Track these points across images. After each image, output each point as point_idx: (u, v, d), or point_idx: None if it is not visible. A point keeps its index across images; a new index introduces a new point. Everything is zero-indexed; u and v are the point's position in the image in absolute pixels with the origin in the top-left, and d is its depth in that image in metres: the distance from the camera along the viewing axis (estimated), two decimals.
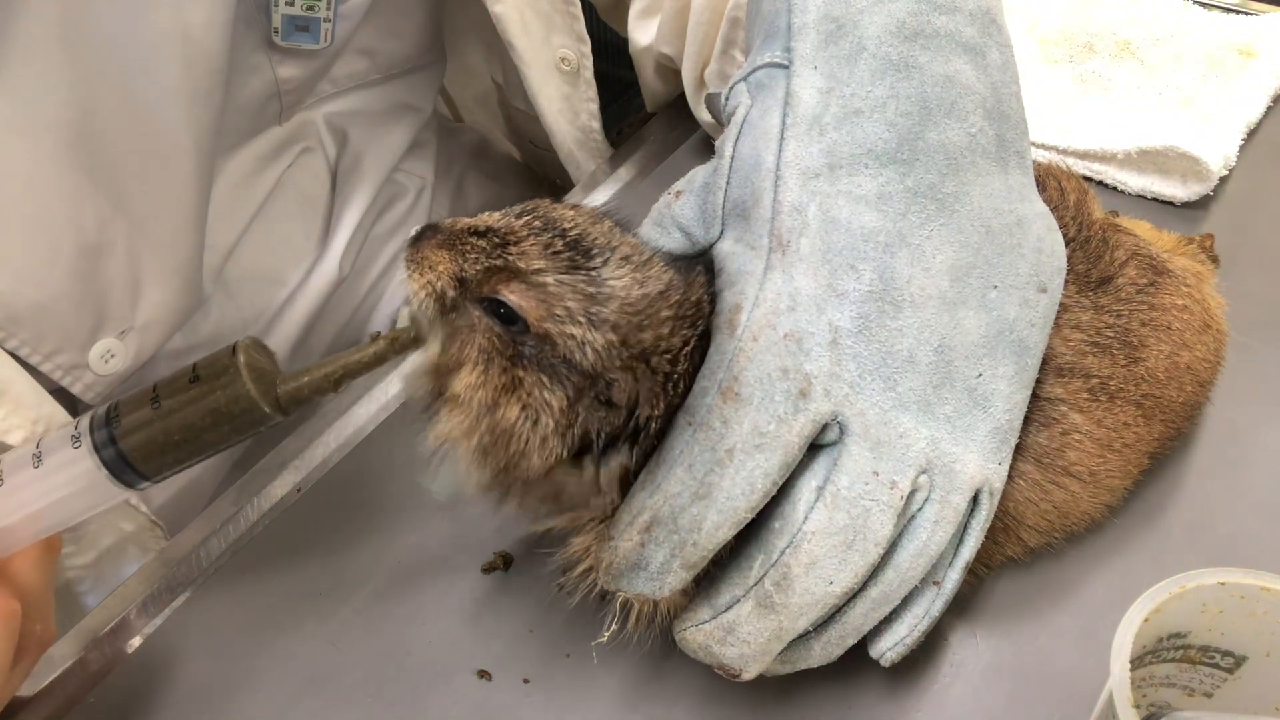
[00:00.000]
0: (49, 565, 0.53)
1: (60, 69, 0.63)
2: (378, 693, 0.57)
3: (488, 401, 0.49)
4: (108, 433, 0.50)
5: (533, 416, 0.48)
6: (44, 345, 0.67)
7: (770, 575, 0.49)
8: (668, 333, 0.49)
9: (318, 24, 0.83)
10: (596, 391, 0.48)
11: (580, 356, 0.47)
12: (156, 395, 0.50)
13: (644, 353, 0.48)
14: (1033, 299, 0.52)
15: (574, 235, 0.50)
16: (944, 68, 0.52)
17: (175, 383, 0.50)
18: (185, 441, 0.50)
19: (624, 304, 0.48)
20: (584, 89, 0.93)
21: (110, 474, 0.50)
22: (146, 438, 0.50)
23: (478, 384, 0.49)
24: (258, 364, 0.50)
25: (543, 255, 0.49)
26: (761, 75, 0.56)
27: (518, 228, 0.50)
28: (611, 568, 0.50)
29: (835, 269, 0.50)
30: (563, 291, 0.48)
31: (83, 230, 0.67)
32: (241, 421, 0.50)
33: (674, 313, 0.49)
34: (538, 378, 0.48)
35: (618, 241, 0.51)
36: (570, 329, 0.47)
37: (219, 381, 0.49)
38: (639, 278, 0.49)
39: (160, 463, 0.50)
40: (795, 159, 0.52)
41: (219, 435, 0.50)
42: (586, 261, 0.49)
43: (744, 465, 0.47)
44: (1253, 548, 0.61)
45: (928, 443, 0.49)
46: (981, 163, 0.52)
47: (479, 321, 0.49)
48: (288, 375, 0.51)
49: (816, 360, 0.48)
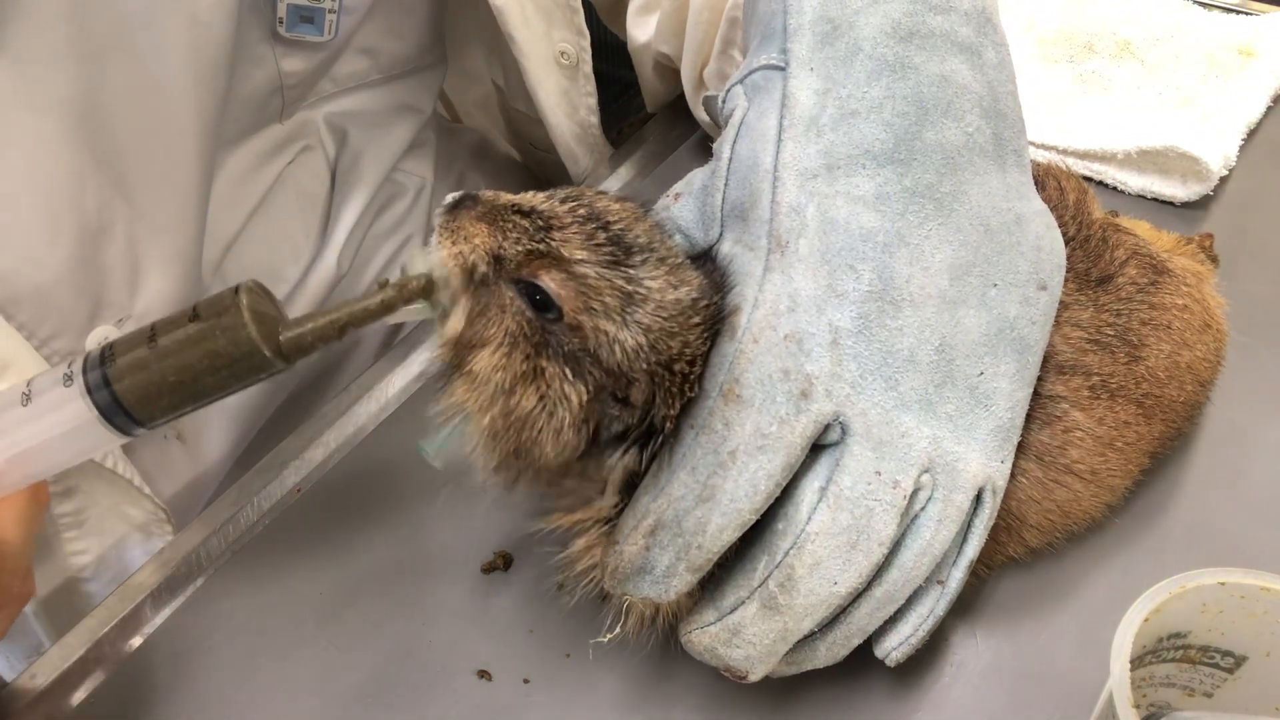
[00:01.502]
0: (33, 518, 0.51)
1: (67, 44, 0.62)
2: (378, 693, 0.57)
3: (505, 386, 0.48)
4: (101, 373, 0.48)
5: (550, 408, 0.48)
6: (42, 329, 0.67)
7: (774, 577, 0.49)
8: (694, 339, 0.49)
9: (322, 15, 0.83)
10: (615, 389, 0.48)
11: (608, 354, 0.47)
12: (154, 333, 0.48)
13: (670, 359, 0.48)
14: (1033, 296, 0.52)
15: (617, 230, 0.49)
16: (940, 67, 0.52)
17: (174, 321, 0.48)
18: (182, 384, 0.48)
19: (659, 307, 0.48)
20: (583, 83, 0.93)
21: (102, 416, 0.48)
22: (142, 379, 0.47)
23: (498, 365, 0.48)
24: (260, 307, 0.48)
25: (585, 245, 0.48)
26: (758, 77, 0.56)
27: (562, 213, 0.49)
28: (617, 572, 0.50)
29: (834, 269, 0.49)
30: (601, 286, 0.47)
31: (84, 212, 0.66)
32: (241, 366, 0.48)
33: (701, 319, 0.49)
34: (560, 369, 0.48)
35: (657, 243, 0.50)
36: (604, 324, 0.47)
37: (220, 321, 0.47)
38: (674, 281, 0.49)
39: (155, 407, 0.48)
40: (793, 160, 0.52)
41: (217, 380, 0.48)
42: (626, 259, 0.49)
43: (747, 467, 0.47)
44: (1253, 548, 0.61)
45: (930, 442, 0.49)
46: (979, 161, 0.52)
47: (510, 303, 0.48)
48: (292, 321, 0.49)
49: (817, 361, 0.48)
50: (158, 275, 0.73)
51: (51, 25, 0.61)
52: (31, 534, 0.52)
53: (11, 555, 0.50)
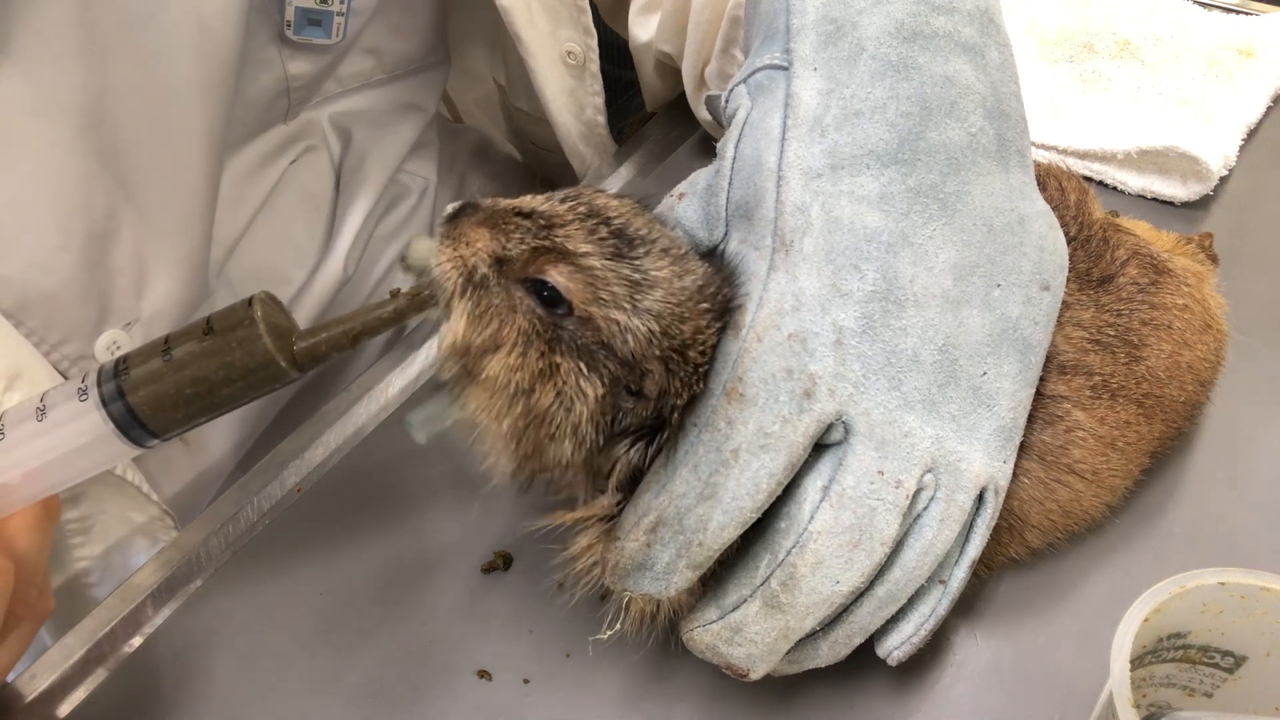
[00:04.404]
0: (47, 530, 0.51)
1: (76, 50, 0.62)
2: (378, 692, 0.57)
3: (524, 385, 0.48)
4: (115, 385, 0.48)
5: (567, 404, 0.48)
6: (51, 335, 0.67)
7: (777, 575, 0.49)
8: (704, 325, 0.49)
9: (330, 18, 0.83)
10: (629, 381, 0.48)
11: (621, 343, 0.47)
12: (168, 346, 0.48)
13: (682, 345, 0.48)
14: (1036, 297, 0.52)
15: (618, 224, 0.49)
16: (943, 68, 0.52)
17: (188, 334, 0.48)
18: (197, 396, 0.48)
19: (667, 294, 0.48)
20: (589, 83, 0.93)
21: (117, 429, 0.48)
22: (157, 391, 0.48)
23: (515, 366, 0.48)
24: (274, 318, 0.49)
25: (588, 240, 0.48)
26: (761, 77, 0.56)
27: (562, 212, 0.49)
28: (617, 568, 0.50)
29: (839, 269, 0.50)
30: (608, 276, 0.48)
31: (92, 217, 0.66)
32: (257, 377, 0.48)
33: (710, 305, 0.49)
34: (575, 364, 0.48)
35: (658, 234, 0.51)
36: (615, 314, 0.47)
37: (234, 334, 0.48)
38: (679, 270, 0.49)
39: (170, 419, 0.48)
40: (797, 159, 0.52)
41: (232, 391, 0.48)
42: (630, 250, 0.49)
43: (749, 466, 0.47)
44: (1253, 548, 0.61)
45: (933, 441, 0.49)
46: (982, 162, 0.52)
47: (520, 302, 0.48)
48: (305, 331, 0.49)
49: (821, 360, 0.48)
50: (164, 278, 0.73)
51: (59, 30, 0.61)
52: (47, 547, 0.52)
53: (28, 568, 0.50)
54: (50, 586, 0.54)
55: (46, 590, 0.53)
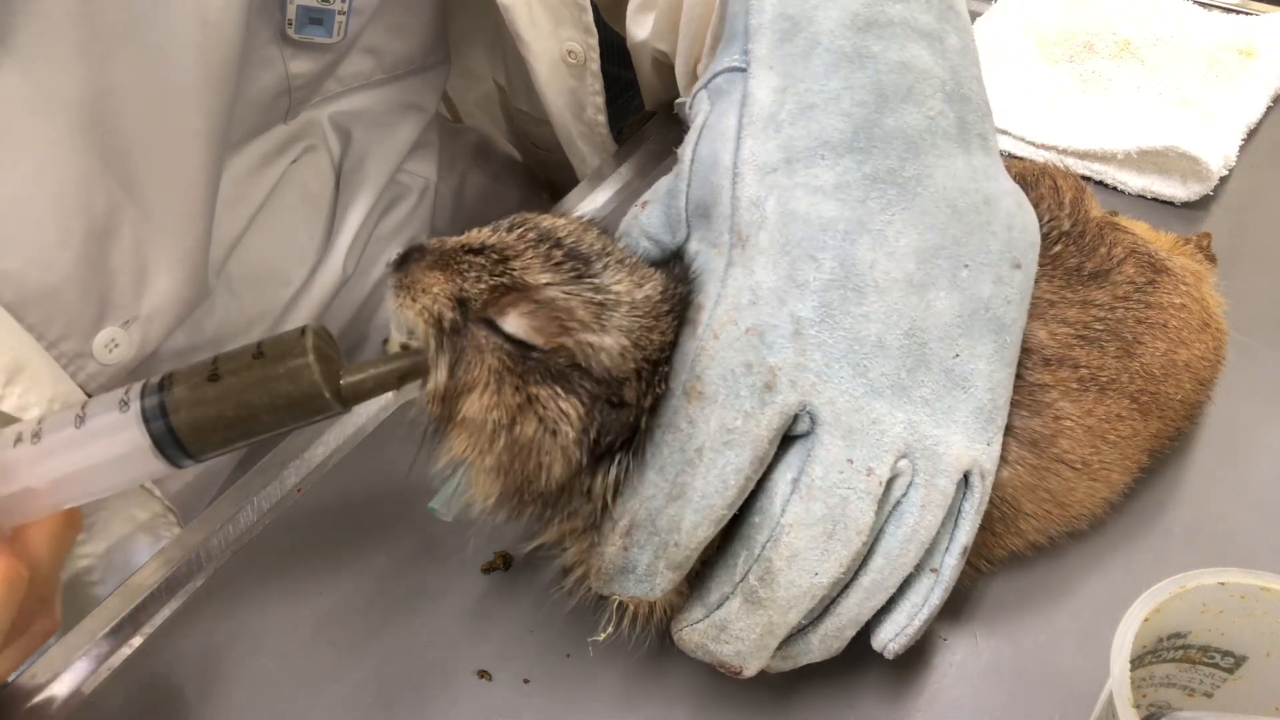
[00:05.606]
0: (64, 543, 0.50)
1: (77, 47, 0.62)
2: (378, 693, 0.57)
3: (504, 421, 0.48)
4: (159, 401, 0.47)
5: (552, 428, 0.47)
6: (50, 331, 0.67)
7: (754, 570, 0.49)
8: (667, 328, 0.49)
9: (331, 17, 0.83)
10: (609, 395, 0.48)
11: (596, 364, 0.47)
12: (216, 368, 0.47)
13: (653, 352, 0.48)
14: (1007, 275, 0.52)
15: (570, 244, 0.49)
16: (900, 54, 0.52)
17: (238, 358, 0.48)
18: (239, 421, 0.47)
19: (631, 308, 0.48)
20: (590, 82, 0.93)
21: (154, 446, 0.47)
22: (200, 413, 0.47)
23: (490, 405, 0.48)
24: (323, 350, 0.48)
25: (545, 267, 0.48)
26: (721, 81, 0.55)
27: (513, 242, 0.49)
28: (602, 573, 0.50)
29: (795, 260, 0.49)
30: (572, 303, 0.47)
31: (92, 214, 0.66)
32: (301, 408, 0.47)
33: (670, 308, 0.50)
34: (552, 390, 0.47)
35: (610, 247, 0.51)
36: (585, 337, 0.47)
37: (285, 363, 0.47)
38: (637, 280, 0.49)
39: (208, 441, 0.48)
40: (752, 156, 0.51)
41: (275, 419, 0.47)
42: (588, 269, 0.48)
43: (715, 463, 0.47)
44: (1253, 548, 0.61)
45: (905, 427, 0.49)
46: (943, 144, 0.52)
47: (486, 341, 0.48)
48: (352, 366, 0.48)
49: (780, 352, 0.48)
50: (164, 277, 0.73)
51: (61, 27, 0.61)
52: (62, 559, 0.51)
53: (41, 577, 0.49)
54: (59, 604, 0.53)
55: (55, 607, 0.52)
